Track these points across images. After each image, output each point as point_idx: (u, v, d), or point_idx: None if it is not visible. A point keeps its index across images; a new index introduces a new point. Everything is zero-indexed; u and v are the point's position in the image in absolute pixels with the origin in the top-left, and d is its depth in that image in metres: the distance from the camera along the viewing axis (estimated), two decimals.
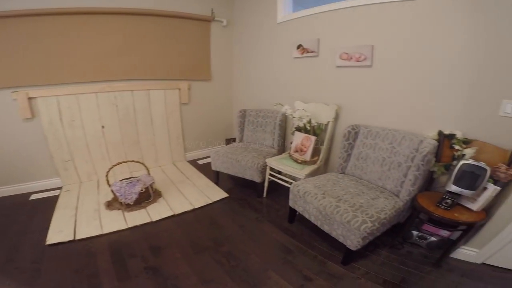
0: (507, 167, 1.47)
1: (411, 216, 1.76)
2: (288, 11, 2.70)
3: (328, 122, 2.30)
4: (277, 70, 2.84)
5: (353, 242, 1.52)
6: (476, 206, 1.54)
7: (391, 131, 1.88)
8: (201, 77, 3.24)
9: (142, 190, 2.19)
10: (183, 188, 2.58)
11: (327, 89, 2.40)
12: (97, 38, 2.52)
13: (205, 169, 3.04)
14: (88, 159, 2.73)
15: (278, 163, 2.28)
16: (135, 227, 1.98)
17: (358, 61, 2.12)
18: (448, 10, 1.65)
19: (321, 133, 2.30)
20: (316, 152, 2.30)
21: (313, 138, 2.22)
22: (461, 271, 1.62)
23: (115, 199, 2.21)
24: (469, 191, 1.48)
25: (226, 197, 2.45)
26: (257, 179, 2.36)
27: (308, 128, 2.29)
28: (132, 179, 2.30)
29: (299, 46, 2.52)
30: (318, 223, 1.75)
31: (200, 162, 3.37)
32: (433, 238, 1.72)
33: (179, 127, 3.23)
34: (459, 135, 1.66)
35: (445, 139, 1.70)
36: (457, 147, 1.64)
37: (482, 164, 1.46)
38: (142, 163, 2.32)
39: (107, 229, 1.93)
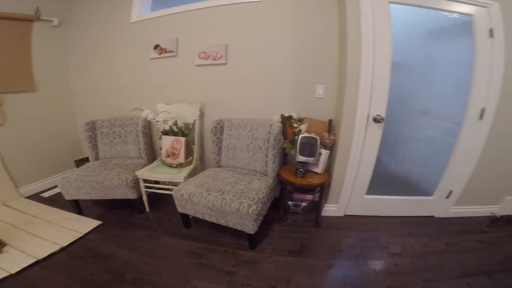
0: (328, 134, 1.97)
1: (282, 189, 2.04)
2: (146, 10, 2.49)
3: (195, 120, 2.29)
4: (133, 72, 2.53)
5: (249, 226, 1.61)
6: (319, 169, 1.96)
7: (249, 120, 2.09)
8: (19, 88, 2.41)
9: None
10: (35, 230, 1.96)
11: (189, 89, 2.38)
12: None
13: (57, 201, 2.37)
14: None
15: (151, 173, 2.07)
16: None
17: (215, 59, 2.21)
18: (281, 13, 2.00)
19: (190, 133, 2.26)
20: (189, 152, 2.24)
21: (182, 139, 2.15)
22: (335, 225, 2.03)
23: None
24: (311, 158, 1.87)
25: (100, 225, 2.04)
26: (131, 195, 2.06)
27: (176, 130, 2.19)
28: None
29: (156, 46, 2.35)
30: (213, 220, 1.75)
31: (45, 195, 2.56)
32: (304, 204, 2.07)
33: None
34: (294, 115, 2.07)
35: (286, 120, 2.08)
36: (295, 125, 2.04)
37: (313, 135, 1.88)
38: None
39: None
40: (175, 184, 2.05)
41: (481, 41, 1.70)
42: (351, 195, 2.09)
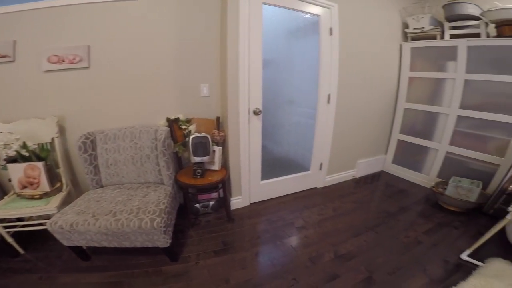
0: (218, 131, 2.03)
1: (185, 194, 1.96)
2: None
3: (53, 138, 1.84)
4: None
5: (160, 241, 1.48)
6: (216, 166, 2.01)
7: (128, 128, 1.86)
8: None
9: None
10: None
11: (38, 100, 1.86)
12: None
13: None
14: None
15: (6, 210, 1.57)
16: None
17: (72, 63, 1.84)
18: (162, 13, 1.88)
19: (49, 155, 1.80)
20: (55, 177, 1.79)
21: (40, 164, 1.68)
22: (246, 215, 2.13)
23: None
24: (206, 157, 1.88)
25: None
26: None
27: (26, 154, 1.69)
28: None
29: None
30: (115, 244, 1.50)
31: None
32: (212, 202, 2.08)
33: None
34: (181, 117, 2.02)
35: (173, 123, 2.00)
36: (183, 127, 2.00)
37: (203, 134, 1.89)
38: None
39: None
40: (47, 217, 1.63)
41: (324, 39, 2.15)
42: (250, 184, 2.25)
